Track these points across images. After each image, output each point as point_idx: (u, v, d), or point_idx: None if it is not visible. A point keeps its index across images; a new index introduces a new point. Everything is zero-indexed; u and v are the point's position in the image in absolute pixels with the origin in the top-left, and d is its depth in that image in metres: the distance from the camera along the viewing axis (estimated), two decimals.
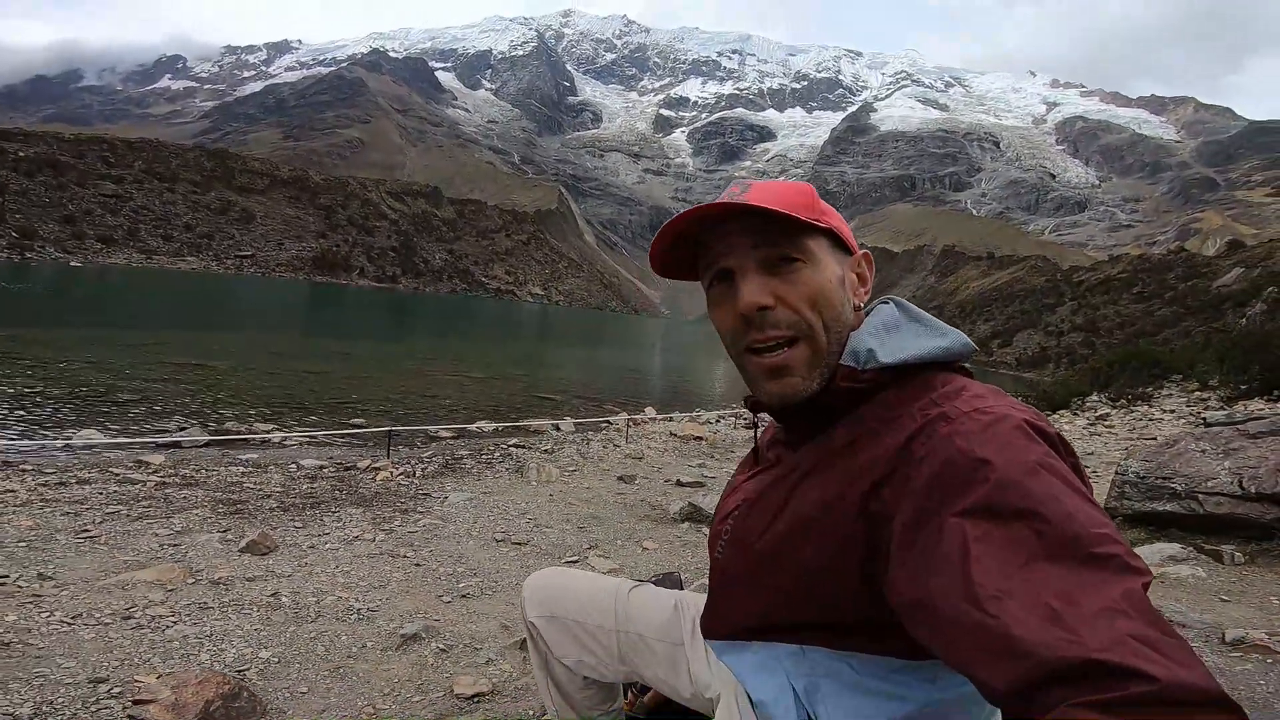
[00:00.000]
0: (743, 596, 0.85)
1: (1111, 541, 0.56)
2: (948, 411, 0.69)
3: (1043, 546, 0.56)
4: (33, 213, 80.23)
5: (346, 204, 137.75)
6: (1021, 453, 0.62)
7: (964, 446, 0.64)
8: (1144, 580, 0.55)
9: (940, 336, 0.80)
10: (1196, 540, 4.18)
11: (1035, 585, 0.54)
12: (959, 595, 0.57)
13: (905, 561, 0.64)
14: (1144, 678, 0.46)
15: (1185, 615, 3.00)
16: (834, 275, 0.81)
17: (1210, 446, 4.41)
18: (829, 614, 0.76)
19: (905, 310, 0.84)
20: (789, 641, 0.81)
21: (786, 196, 0.80)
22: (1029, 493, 0.59)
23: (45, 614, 2.39)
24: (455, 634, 2.57)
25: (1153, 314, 40.50)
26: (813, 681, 0.80)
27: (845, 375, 0.78)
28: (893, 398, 0.76)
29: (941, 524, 0.61)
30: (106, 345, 14.31)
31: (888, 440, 0.72)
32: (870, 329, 0.81)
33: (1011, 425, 0.65)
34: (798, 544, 0.76)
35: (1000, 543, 0.57)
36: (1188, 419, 10.81)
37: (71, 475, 4.91)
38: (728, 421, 12.40)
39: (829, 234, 0.82)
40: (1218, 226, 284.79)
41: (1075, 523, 0.56)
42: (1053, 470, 0.61)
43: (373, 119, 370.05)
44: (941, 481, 0.63)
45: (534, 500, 5.11)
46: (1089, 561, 0.54)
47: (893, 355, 0.77)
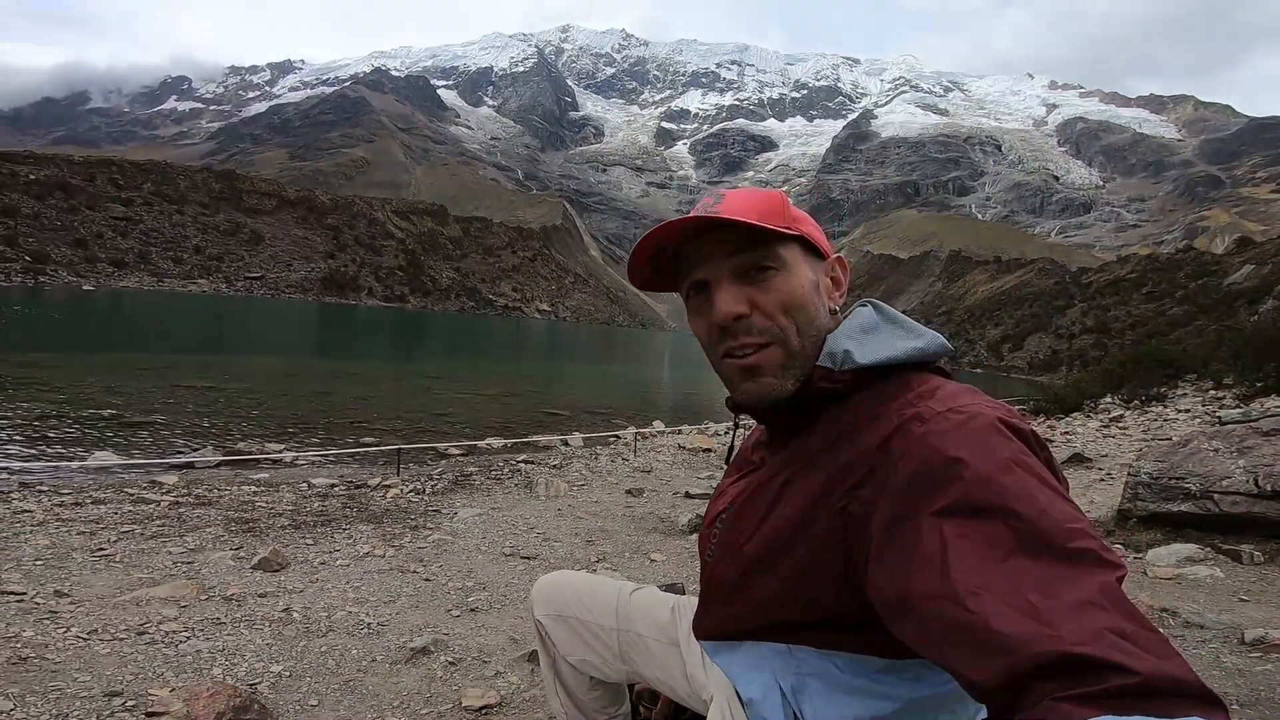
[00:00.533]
0: (732, 598, 0.86)
1: (1085, 536, 0.57)
2: (922, 411, 0.70)
3: (1018, 542, 0.57)
4: (45, 236, 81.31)
5: (354, 224, 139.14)
6: (994, 450, 0.63)
7: (938, 445, 0.65)
8: (1119, 574, 0.56)
9: (916, 338, 0.81)
10: (1214, 540, 4.12)
11: (1013, 580, 0.54)
12: (938, 592, 0.57)
13: (884, 560, 0.64)
14: (1124, 670, 0.47)
15: (1203, 616, 2.96)
16: (807, 280, 0.83)
17: (1224, 445, 4.36)
18: (814, 614, 0.76)
19: (882, 312, 0.85)
20: (777, 641, 0.82)
21: (758, 206, 0.81)
22: (1003, 489, 0.60)
23: (62, 630, 2.42)
24: (464, 647, 2.58)
25: (1164, 314, 40.17)
26: (800, 680, 0.81)
27: (822, 376, 0.79)
28: (870, 398, 0.78)
29: (919, 523, 0.62)
30: (120, 368, 14.47)
31: (865, 440, 0.73)
32: (847, 331, 0.82)
33: (984, 423, 0.66)
34: (784, 546, 0.77)
35: (977, 540, 0.58)
36: (1203, 418, 10.69)
37: (87, 495, 4.96)
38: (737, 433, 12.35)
39: (800, 240, 0.84)
40: (1225, 224, 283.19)
41: (1049, 518, 0.57)
42: (1026, 467, 0.62)
43: (377, 138, 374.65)
44: (917, 480, 0.64)
45: (543, 515, 5.12)
46: (1064, 556, 0.55)
47: (869, 356, 0.79)
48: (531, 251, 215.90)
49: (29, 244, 76.83)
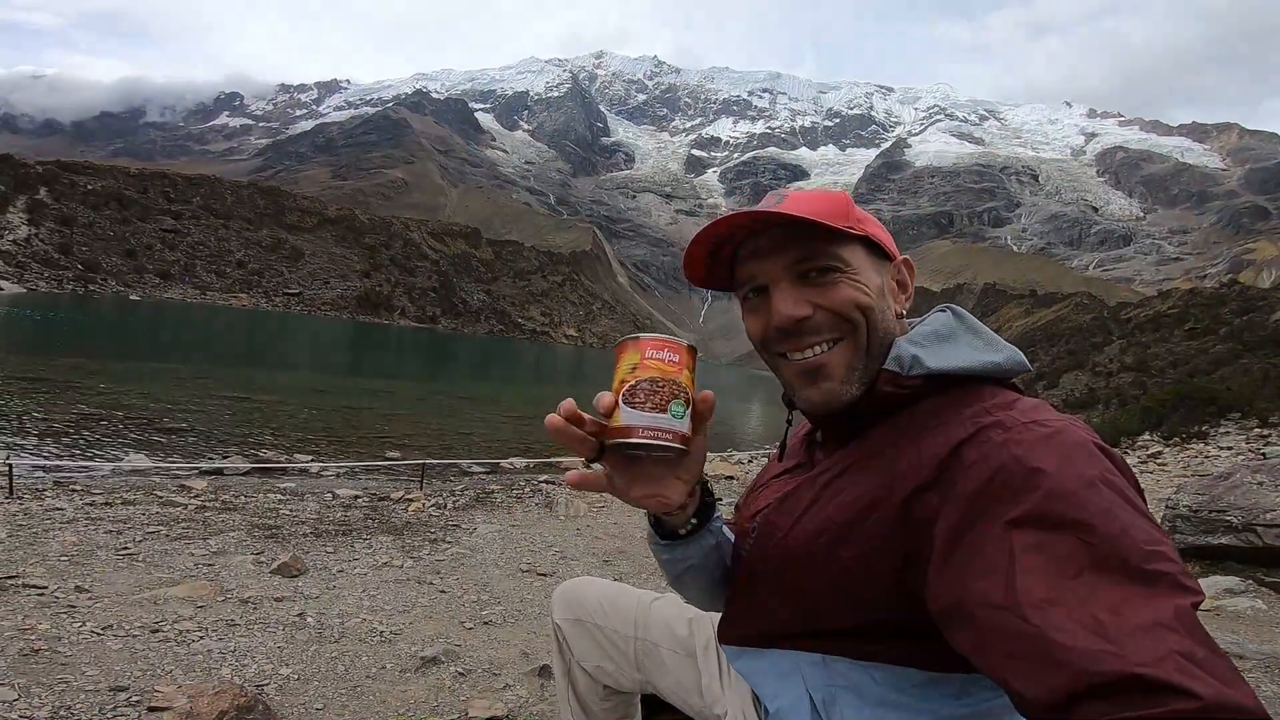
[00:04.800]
0: (767, 598, 0.84)
1: (1165, 559, 0.55)
2: (1003, 420, 0.68)
3: (1093, 559, 0.55)
4: (97, 246, 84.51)
5: (390, 244, 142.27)
6: (1080, 466, 0.61)
7: (1020, 455, 0.62)
8: (1195, 599, 0.53)
9: (995, 351, 0.77)
10: (1256, 573, 3.97)
11: (1082, 597, 0.53)
12: (1001, 602, 0.56)
13: (947, 566, 0.63)
14: (1187, 694, 0.45)
15: (1243, 646, 2.88)
16: (872, 283, 0.79)
17: (1269, 479, 4.20)
18: (856, 619, 0.74)
19: (963, 320, 0.82)
20: (811, 650, 0.79)
21: (821, 205, 0.78)
22: (1083, 504, 0.58)
23: (77, 624, 2.46)
24: (475, 659, 2.55)
25: (1207, 351, 38.83)
26: (831, 692, 0.78)
27: (888, 380, 0.76)
28: (938, 405, 0.74)
29: (989, 530, 0.60)
30: (159, 377, 14.93)
31: (932, 445, 0.70)
32: (919, 336, 0.79)
33: (1073, 439, 0.64)
34: (831, 545, 0.75)
35: (1048, 553, 0.56)
36: (1245, 455, 10.26)
37: (118, 496, 5.09)
38: (759, 462, 12.23)
39: (865, 241, 0.81)
40: (1273, 256, 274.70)
41: (1128, 538, 0.55)
42: (1111, 485, 0.60)
43: (416, 159, 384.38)
44: (992, 488, 0.62)
45: (561, 534, 5.10)
46: (1140, 577, 0.53)
47: (941, 363, 0.75)
48: (561, 276, 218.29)
49: (82, 253, 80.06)
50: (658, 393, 0.68)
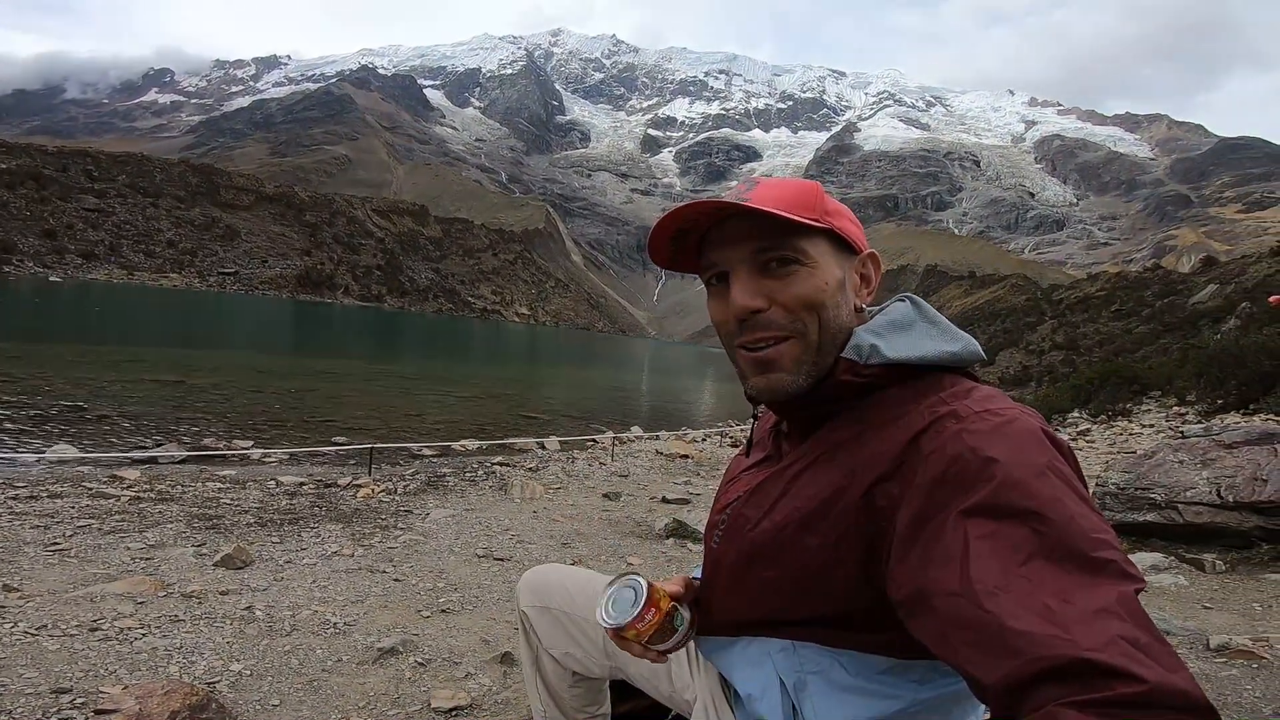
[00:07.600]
0: (736, 588, 0.85)
1: (1109, 547, 0.57)
2: (957, 410, 0.70)
3: (1042, 547, 0.57)
4: (12, 226, 79.31)
5: (332, 221, 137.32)
6: (1031, 455, 0.63)
7: (973, 444, 0.64)
8: (1137, 587, 0.56)
9: (952, 341, 0.80)
10: (1178, 549, 4.22)
11: (1032, 584, 0.55)
12: (956, 590, 0.58)
13: (907, 556, 0.64)
14: (1133, 679, 0.47)
15: (1169, 622, 3.02)
16: (832, 277, 0.80)
17: (1188, 457, 4.46)
18: (824, 608, 0.76)
19: (921, 310, 0.83)
20: (780, 637, 0.81)
21: (789, 196, 0.79)
22: (1034, 494, 0.59)
23: (9, 625, 2.32)
24: (434, 648, 2.52)
25: (1131, 331, 41.09)
26: (801, 678, 0.80)
27: (846, 369, 0.78)
28: (898, 394, 0.76)
29: (945, 520, 0.62)
30: (84, 361, 14.08)
31: (894, 436, 0.72)
32: (877, 326, 0.81)
33: (1023, 428, 0.66)
34: (797, 535, 0.76)
35: (1000, 541, 0.58)
36: (1167, 433, 10.94)
37: (43, 489, 4.79)
38: (714, 440, 12.38)
39: (830, 234, 0.81)
40: (1192, 243, 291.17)
41: (1076, 526, 0.57)
42: (1060, 475, 0.62)
43: (360, 136, 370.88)
44: (948, 478, 0.64)
45: (517, 517, 5.06)
46: (1087, 565, 0.55)
47: (899, 352, 0.77)
48: (512, 254, 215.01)
49: None
50: (663, 631, 0.88)
